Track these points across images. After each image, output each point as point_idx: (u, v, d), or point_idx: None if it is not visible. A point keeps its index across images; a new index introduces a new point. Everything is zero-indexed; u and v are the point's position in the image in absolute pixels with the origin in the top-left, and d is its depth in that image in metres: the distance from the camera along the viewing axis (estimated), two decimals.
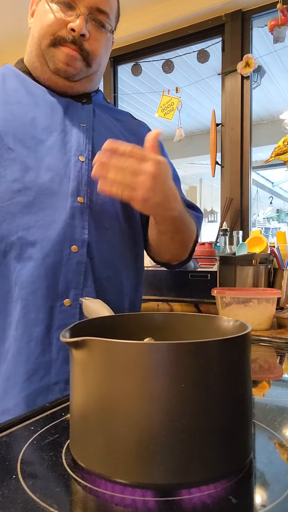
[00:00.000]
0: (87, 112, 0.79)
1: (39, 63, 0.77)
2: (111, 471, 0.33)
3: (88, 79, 0.79)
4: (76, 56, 0.74)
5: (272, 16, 1.94)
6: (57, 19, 0.73)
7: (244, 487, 0.34)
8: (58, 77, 0.76)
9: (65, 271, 0.68)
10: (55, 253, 0.68)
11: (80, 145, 0.74)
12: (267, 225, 6.83)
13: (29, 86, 0.77)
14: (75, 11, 0.73)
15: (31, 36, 0.78)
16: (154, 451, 0.32)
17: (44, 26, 0.73)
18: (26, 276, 0.67)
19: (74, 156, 0.73)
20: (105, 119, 0.83)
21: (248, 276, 1.37)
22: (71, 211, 0.69)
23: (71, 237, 0.69)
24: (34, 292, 0.67)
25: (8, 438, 0.42)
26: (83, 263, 0.70)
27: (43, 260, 0.67)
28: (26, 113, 0.72)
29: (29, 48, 0.79)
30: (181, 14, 2.15)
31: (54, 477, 0.35)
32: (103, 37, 0.77)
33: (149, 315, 0.50)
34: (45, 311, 0.67)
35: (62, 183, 0.70)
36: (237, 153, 2.07)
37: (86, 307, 0.57)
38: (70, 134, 0.74)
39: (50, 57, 0.74)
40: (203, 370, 0.33)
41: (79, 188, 0.71)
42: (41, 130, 0.72)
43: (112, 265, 0.76)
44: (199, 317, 0.49)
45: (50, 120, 0.74)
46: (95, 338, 0.34)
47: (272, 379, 0.69)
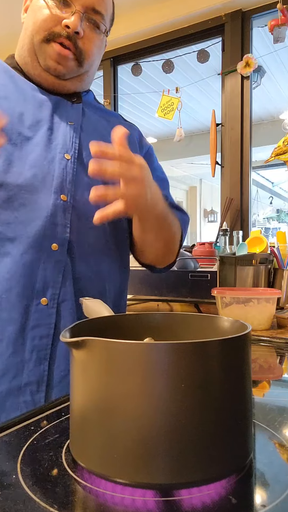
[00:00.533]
0: (76, 111, 0.78)
1: (29, 58, 0.76)
2: (111, 471, 0.33)
3: (79, 78, 0.79)
4: (68, 55, 0.73)
5: (272, 16, 1.94)
6: (52, 15, 0.72)
7: (244, 487, 0.34)
8: (48, 74, 0.75)
9: (43, 269, 0.67)
10: (34, 250, 0.66)
11: (66, 142, 0.73)
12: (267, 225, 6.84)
13: (18, 81, 0.76)
14: (71, 8, 0.72)
15: (24, 31, 0.77)
16: (154, 451, 0.32)
17: (38, 21, 0.73)
18: (1, 272, 0.65)
19: (60, 154, 0.72)
20: (94, 119, 0.82)
21: (248, 276, 1.37)
22: (53, 208, 0.68)
23: (51, 235, 0.68)
24: (9, 290, 0.65)
25: (8, 438, 0.42)
26: (62, 262, 0.69)
27: (21, 256, 0.66)
28: (13, 108, 0.71)
29: (21, 42, 0.78)
30: (181, 14, 2.16)
31: (54, 477, 0.35)
32: (97, 38, 0.77)
33: (149, 315, 0.50)
34: (19, 310, 0.65)
35: (45, 180, 0.69)
36: (237, 153, 2.07)
37: (86, 307, 0.57)
38: (57, 131, 0.74)
39: (41, 53, 0.73)
40: (203, 370, 0.33)
41: (63, 185, 0.70)
42: (28, 126, 0.71)
43: (94, 266, 0.74)
44: (199, 317, 0.49)
45: (38, 116, 0.73)
46: (95, 338, 0.34)
47: (272, 379, 0.69)
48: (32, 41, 0.74)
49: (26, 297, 0.66)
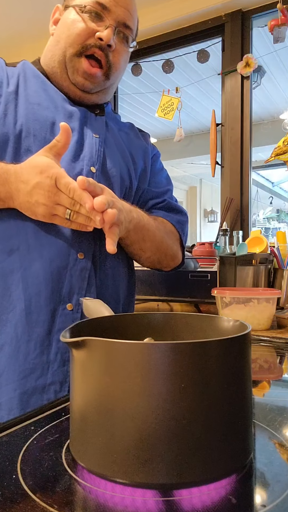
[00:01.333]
0: (100, 124, 0.81)
1: (59, 69, 0.78)
2: (111, 471, 0.33)
3: (104, 91, 0.82)
4: (96, 73, 0.76)
5: (272, 16, 1.94)
6: (86, 28, 0.74)
7: (244, 487, 0.34)
8: (75, 88, 0.78)
9: (69, 276, 0.70)
10: (62, 258, 0.69)
11: (92, 156, 0.76)
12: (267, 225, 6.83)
13: (49, 89, 0.78)
14: (104, 22, 0.75)
15: (55, 42, 0.79)
16: (154, 451, 0.32)
17: (72, 35, 0.75)
18: (31, 277, 0.68)
19: (87, 166, 0.74)
20: (115, 132, 0.85)
21: (248, 276, 1.37)
22: None
23: (79, 244, 0.71)
24: (38, 294, 0.68)
25: (8, 438, 0.42)
26: (87, 269, 0.71)
27: (50, 264, 0.68)
28: (46, 116, 0.73)
29: (50, 52, 0.79)
30: (181, 14, 2.15)
31: (54, 477, 0.35)
32: (125, 52, 0.80)
33: (149, 315, 0.50)
34: (47, 313, 0.68)
35: None
36: (237, 153, 2.07)
37: (86, 307, 0.57)
38: (84, 144, 0.76)
39: (71, 66, 0.76)
40: (203, 370, 0.33)
41: None
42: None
43: (111, 274, 0.78)
44: (199, 317, 0.49)
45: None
46: (95, 338, 0.34)
47: (272, 379, 0.69)
48: (64, 53, 0.76)
49: (53, 301, 0.69)
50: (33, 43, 2.47)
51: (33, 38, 2.43)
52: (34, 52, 0.84)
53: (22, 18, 2.33)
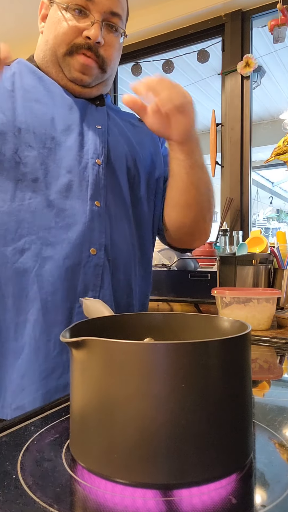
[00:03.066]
0: (102, 114, 0.80)
1: (54, 69, 0.77)
2: (111, 471, 0.33)
3: (103, 83, 0.81)
4: (92, 65, 0.75)
5: (272, 16, 1.94)
6: (72, 27, 0.73)
7: (244, 487, 0.34)
8: (74, 84, 0.77)
9: (83, 273, 0.69)
10: (75, 255, 0.69)
11: (96, 148, 0.75)
12: (267, 225, 6.82)
13: (46, 83, 0.76)
14: (89, 18, 0.73)
15: (45, 42, 0.77)
16: (154, 451, 0.32)
17: (59, 35, 0.74)
18: (46, 276, 0.67)
19: (92, 159, 0.73)
20: (118, 121, 0.84)
21: (248, 276, 1.37)
22: (90, 214, 0.71)
23: (90, 240, 0.70)
24: (54, 293, 0.67)
25: (8, 438, 0.42)
26: (100, 265, 0.71)
27: (64, 261, 0.68)
28: (45, 112, 0.72)
29: (42, 53, 0.78)
30: (181, 14, 2.15)
31: (54, 477, 0.35)
32: (116, 41, 0.78)
33: (149, 315, 0.50)
34: (64, 312, 0.68)
35: (81, 186, 0.71)
36: (237, 153, 2.07)
37: (86, 307, 0.57)
38: (87, 136, 0.75)
39: (66, 65, 0.75)
40: (203, 370, 0.33)
41: (97, 192, 0.72)
42: (60, 131, 0.72)
43: (123, 268, 0.77)
44: (199, 317, 0.49)
45: (68, 121, 0.74)
46: (95, 338, 0.34)
47: (272, 379, 0.69)
48: (55, 54, 0.75)
49: (69, 300, 0.68)
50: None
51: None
52: (24, 52, 0.83)
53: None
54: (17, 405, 0.66)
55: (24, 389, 0.66)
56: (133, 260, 0.80)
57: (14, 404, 0.66)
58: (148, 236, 0.86)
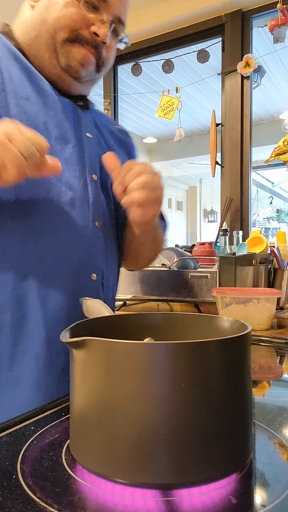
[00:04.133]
0: (89, 120, 0.77)
1: (47, 53, 0.70)
2: (111, 471, 0.33)
3: (92, 82, 0.78)
4: (92, 60, 0.71)
5: (272, 16, 1.94)
6: (81, 15, 0.67)
7: (244, 487, 0.34)
8: (66, 75, 0.71)
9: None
10: (77, 281, 0.67)
11: (92, 161, 0.72)
12: (267, 225, 6.83)
13: (33, 77, 0.69)
14: (100, 14, 0.69)
15: (40, 20, 0.69)
16: (154, 451, 0.32)
17: (64, 17, 0.67)
18: (50, 304, 0.63)
19: (89, 175, 0.70)
20: (102, 129, 0.81)
21: (248, 276, 1.37)
22: (91, 238, 0.68)
23: (91, 265, 0.69)
24: (58, 323, 0.64)
25: (8, 438, 0.42)
26: (98, 290, 0.70)
27: (65, 288, 0.65)
28: (37, 115, 0.66)
29: (34, 32, 0.69)
30: (181, 14, 2.16)
31: (54, 477, 0.35)
32: (115, 46, 0.77)
33: (149, 315, 0.50)
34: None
35: (83, 205, 0.68)
36: (237, 153, 2.07)
37: (86, 307, 0.57)
38: (82, 147, 0.71)
39: (64, 52, 0.69)
40: (203, 370, 0.33)
41: (97, 211, 0.70)
42: (54, 138, 0.67)
43: (112, 287, 0.78)
44: (199, 317, 0.49)
45: (62, 127, 0.69)
46: (95, 338, 0.34)
47: (272, 379, 0.69)
48: (53, 37, 0.68)
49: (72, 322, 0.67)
50: None
51: None
52: None
53: None
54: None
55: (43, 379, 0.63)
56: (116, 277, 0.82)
57: None
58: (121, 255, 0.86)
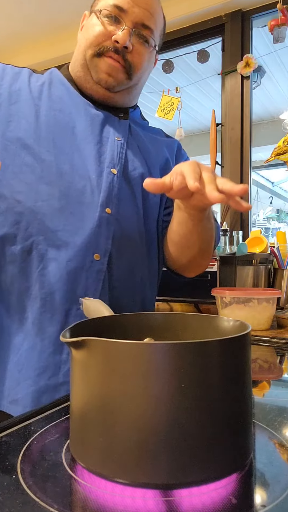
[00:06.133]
0: (123, 127, 0.82)
1: (83, 72, 0.80)
2: (111, 471, 0.33)
3: (127, 91, 0.82)
4: (118, 67, 0.77)
5: (272, 16, 1.94)
6: (102, 30, 0.76)
7: (244, 487, 0.34)
8: (99, 87, 0.79)
9: (85, 277, 0.70)
10: (78, 258, 0.70)
11: (113, 158, 0.77)
12: (267, 225, 6.82)
13: (72, 95, 0.80)
14: (121, 25, 0.76)
15: (78, 46, 0.81)
16: (154, 451, 0.32)
17: (90, 37, 0.77)
18: (47, 276, 0.69)
19: (107, 168, 0.75)
20: (140, 136, 0.86)
21: (248, 276, 1.37)
22: (99, 220, 0.72)
23: (95, 245, 0.71)
24: (53, 293, 0.69)
25: (8, 438, 0.42)
26: (103, 271, 0.72)
27: (67, 264, 0.69)
28: (67, 122, 0.76)
29: (75, 57, 0.82)
30: (181, 14, 2.15)
31: (54, 477, 0.35)
32: (146, 52, 0.80)
33: (149, 315, 0.50)
34: (61, 313, 0.69)
35: (94, 193, 0.73)
36: (237, 153, 2.07)
37: (86, 307, 0.57)
38: (106, 146, 0.77)
39: (93, 66, 0.77)
40: (203, 370, 0.33)
41: (109, 199, 0.74)
42: (79, 139, 0.75)
43: (128, 278, 0.78)
44: (199, 317, 0.49)
45: (89, 131, 0.77)
46: (95, 338, 0.34)
47: (272, 379, 0.69)
48: (84, 56, 0.78)
49: (67, 301, 0.70)
50: (31, 43, 2.46)
51: (31, 37, 2.42)
52: (32, 52, 0.85)
53: (20, 18, 2.33)
54: (12, 399, 0.67)
55: (19, 383, 0.68)
56: (140, 273, 0.81)
57: (10, 397, 0.68)
58: (155, 252, 0.86)
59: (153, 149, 0.87)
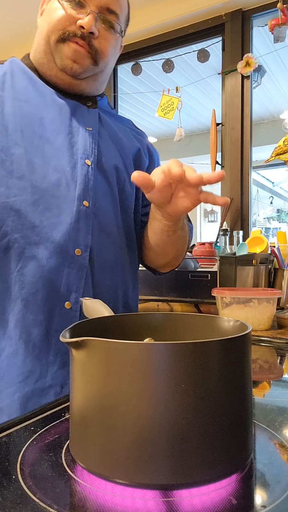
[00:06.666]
0: (93, 116, 0.79)
1: (46, 59, 0.76)
2: (111, 471, 0.33)
3: (94, 78, 0.79)
4: (84, 53, 0.74)
5: (272, 15, 1.94)
6: (67, 15, 0.72)
7: (244, 488, 0.34)
8: (64, 74, 0.76)
9: (67, 274, 0.68)
10: (59, 255, 0.67)
11: (86, 148, 0.74)
12: (267, 225, 6.82)
13: (37, 84, 0.76)
14: (85, 9, 0.73)
15: (39, 32, 0.77)
16: (154, 451, 0.32)
17: (53, 21, 0.73)
18: (27, 276, 0.66)
19: (81, 159, 0.73)
20: (110, 125, 0.84)
21: (248, 276, 1.37)
22: (77, 214, 0.69)
23: (75, 240, 0.69)
24: (35, 293, 0.66)
25: (8, 438, 0.42)
26: (85, 267, 0.70)
27: (47, 261, 0.66)
28: (34, 112, 0.72)
29: (36, 44, 0.78)
30: (181, 13, 2.15)
31: (54, 477, 0.35)
32: (112, 38, 0.78)
33: (149, 315, 0.50)
34: (45, 313, 0.67)
35: (69, 186, 0.70)
36: (237, 153, 2.07)
37: (86, 307, 0.57)
38: (77, 136, 0.74)
39: (58, 52, 0.74)
40: (203, 370, 0.33)
41: (85, 192, 0.71)
42: (49, 131, 0.72)
43: (110, 272, 0.76)
44: (199, 317, 0.49)
45: (58, 121, 0.74)
46: (95, 338, 0.34)
47: (272, 379, 0.69)
48: (48, 41, 0.74)
49: (50, 300, 0.67)
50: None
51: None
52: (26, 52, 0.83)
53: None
54: None
55: (2, 391, 0.65)
56: (121, 266, 0.79)
57: None
58: (133, 240, 0.85)
59: (124, 138, 0.84)
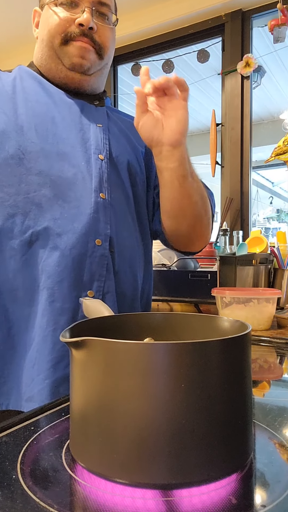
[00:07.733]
0: (101, 114, 0.83)
1: (53, 63, 0.79)
2: (111, 471, 0.33)
3: (100, 72, 0.83)
4: (89, 48, 0.77)
5: (272, 16, 1.94)
6: (64, 17, 0.75)
7: (244, 487, 0.34)
8: (74, 73, 0.79)
9: (89, 263, 0.71)
10: (81, 245, 0.70)
11: (98, 144, 0.77)
12: (267, 225, 6.82)
13: (46, 86, 0.79)
14: (79, 7, 0.76)
15: (40, 42, 0.80)
16: (154, 451, 0.32)
17: (52, 27, 0.76)
18: (52, 265, 0.69)
19: (94, 154, 0.76)
20: (117, 121, 0.87)
21: (248, 276, 1.37)
22: (95, 205, 0.72)
23: (95, 230, 0.72)
24: (61, 282, 0.69)
25: (8, 438, 0.42)
26: (106, 256, 0.72)
27: (70, 251, 0.69)
28: (46, 112, 0.75)
29: (39, 53, 0.81)
30: (181, 13, 2.15)
31: (54, 477, 0.35)
32: (109, 30, 0.80)
33: (149, 315, 0.50)
34: (71, 301, 0.69)
35: (85, 180, 0.73)
36: (237, 153, 2.07)
37: (86, 307, 0.57)
38: (88, 133, 0.77)
39: (64, 54, 0.77)
40: (203, 370, 0.33)
41: (101, 185, 0.74)
42: (61, 128, 0.75)
43: (128, 260, 0.78)
44: (199, 317, 0.49)
45: (69, 119, 0.77)
46: (95, 338, 0.34)
47: (272, 379, 0.69)
48: (52, 47, 0.77)
49: (76, 288, 0.70)
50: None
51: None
52: (29, 55, 0.85)
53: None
54: (27, 396, 0.66)
55: (33, 379, 0.67)
56: (138, 255, 0.82)
57: (26, 395, 0.67)
58: (148, 235, 0.87)
59: (131, 134, 0.87)
